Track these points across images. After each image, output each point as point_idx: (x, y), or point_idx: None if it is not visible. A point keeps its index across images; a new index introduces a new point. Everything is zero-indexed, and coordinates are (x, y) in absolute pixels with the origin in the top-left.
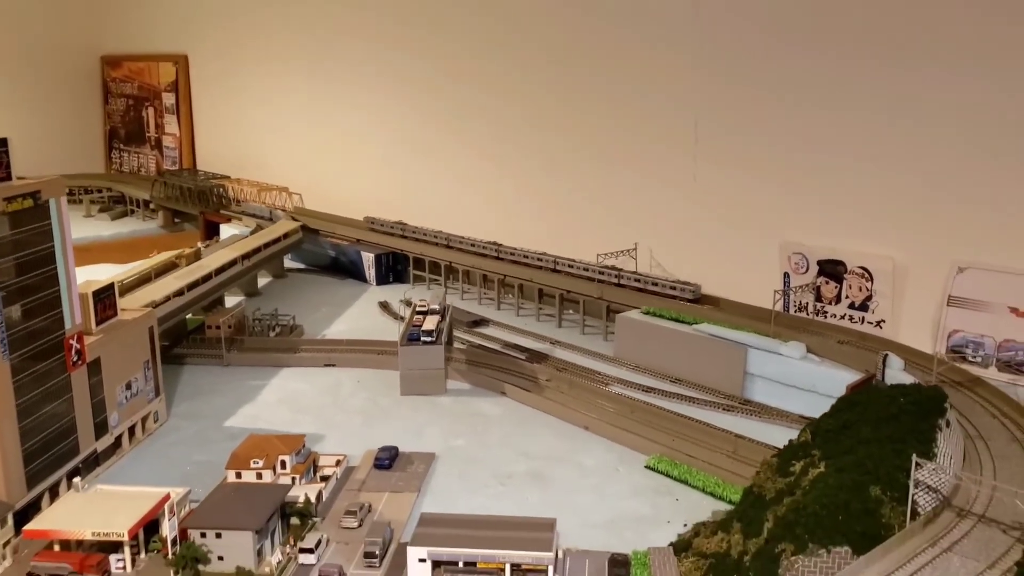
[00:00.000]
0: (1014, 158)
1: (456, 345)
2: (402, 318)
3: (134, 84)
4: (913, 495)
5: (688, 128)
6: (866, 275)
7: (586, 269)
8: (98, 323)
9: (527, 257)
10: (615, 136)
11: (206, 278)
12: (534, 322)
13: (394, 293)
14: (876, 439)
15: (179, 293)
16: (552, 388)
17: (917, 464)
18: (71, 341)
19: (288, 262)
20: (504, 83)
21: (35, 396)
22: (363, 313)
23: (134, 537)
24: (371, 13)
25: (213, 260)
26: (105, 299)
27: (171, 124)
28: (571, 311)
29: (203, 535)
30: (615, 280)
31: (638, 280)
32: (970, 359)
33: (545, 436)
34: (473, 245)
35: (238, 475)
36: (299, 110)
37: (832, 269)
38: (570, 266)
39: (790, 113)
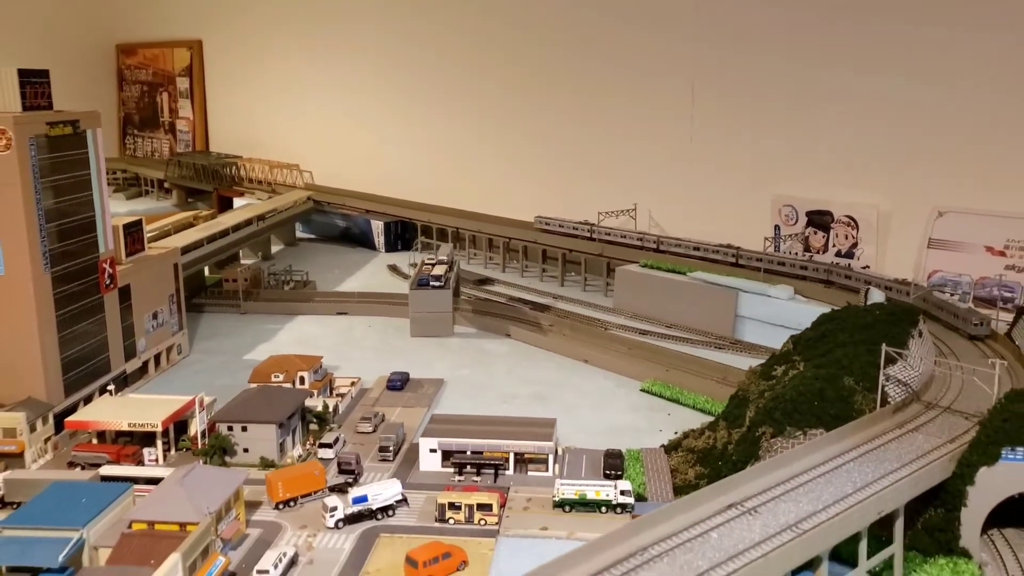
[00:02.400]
0: (989, 109)
1: (463, 298)
2: (409, 277)
3: (148, 71)
4: (883, 385)
5: (686, 92)
6: (852, 223)
7: (623, 236)
8: (128, 254)
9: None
10: (615, 102)
11: (223, 233)
12: (537, 281)
13: (403, 258)
14: (852, 343)
15: (198, 245)
16: (554, 331)
17: (887, 358)
18: (104, 265)
19: (300, 234)
20: (506, 57)
21: (72, 310)
22: (373, 274)
23: (165, 432)
24: None
25: (229, 218)
26: (134, 233)
27: (185, 108)
28: (573, 273)
29: (230, 428)
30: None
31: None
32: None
33: (547, 368)
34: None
35: None
36: (309, 91)
37: (820, 220)
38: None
39: (782, 74)
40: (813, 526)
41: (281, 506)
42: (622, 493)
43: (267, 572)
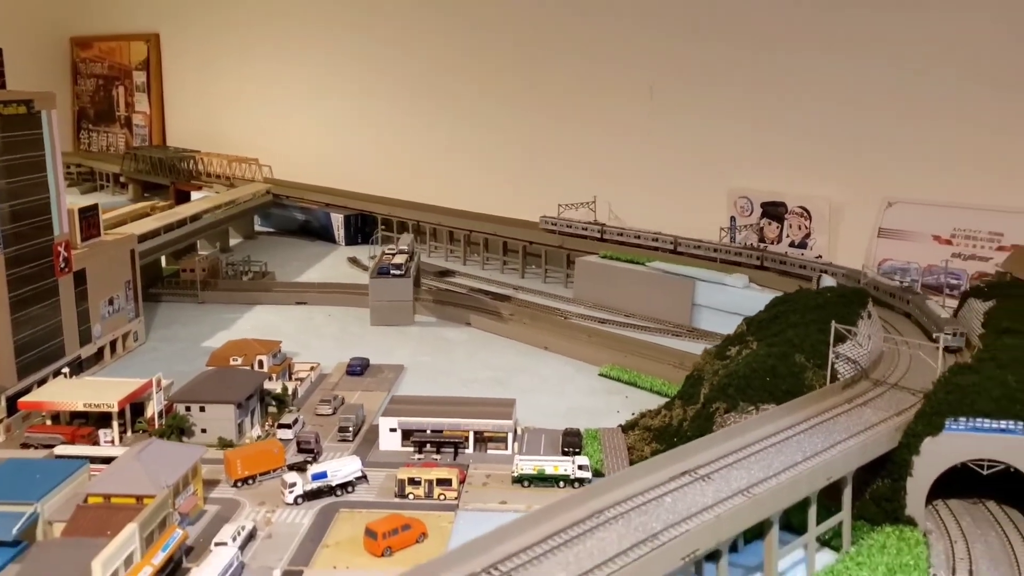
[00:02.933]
0: (937, 102)
1: (424, 288)
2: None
3: (104, 64)
4: (833, 362)
5: (644, 86)
6: (805, 214)
7: (637, 236)
8: (83, 239)
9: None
10: (573, 96)
11: (181, 223)
12: (498, 274)
13: (363, 251)
14: (803, 323)
15: (155, 234)
16: (515, 320)
17: (837, 335)
18: (59, 248)
19: (258, 227)
20: (464, 50)
21: (25, 293)
22: (333, 266)
23: (122, 413)
24: None
25: (186, 209)
26: (90, 218)
27: (141, 103)
28: (533, 266)
29: (187, 409)
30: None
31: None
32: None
33: (507, 354)
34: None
35: None
36: (269, 85)
37: (774, 211)
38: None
39: (739, 69)
40: (764, 490)
41: (239, 484)
42: (580, 468)
43: (225, 544)
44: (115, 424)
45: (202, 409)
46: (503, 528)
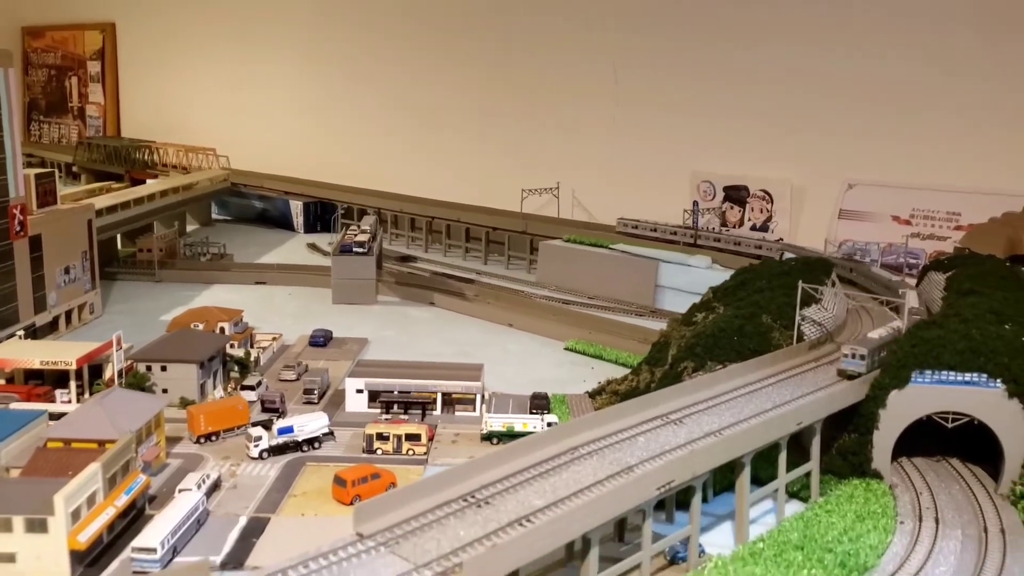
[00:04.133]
0: (895, 85)
1: (386, 269)
2: (330, 254)
3: (57, 54)
4: (799, 323)
5: (608, 73)
6: (767, 197)
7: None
8: (40, 206)
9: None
10: (537, 83)
11: (138, 201)
12: (461, 260)
13: (323, 239)
14: (769, 288)
15: (112, 210)
16: (479, 300)
17: (804, 296)
18: (15, 210)
19: (216, 216)
20: (427, 39)
21: None
22: (292, 251)
23: (80, 373)
24: None
25: (142, 189)
26: (46, 184)
27: (95, 93)
28: (496, 254)
29: (148, 368)
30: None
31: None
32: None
33: (472, 331)
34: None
35: None
36: (226, 75)
37: (736, 194)
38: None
39: (701, 55)
40: (737, 431)
41: (203, 440)
42: (549, 425)
43: (189, 490)
44: (73, 384)
45: (163, 368)
46: (479, 460)
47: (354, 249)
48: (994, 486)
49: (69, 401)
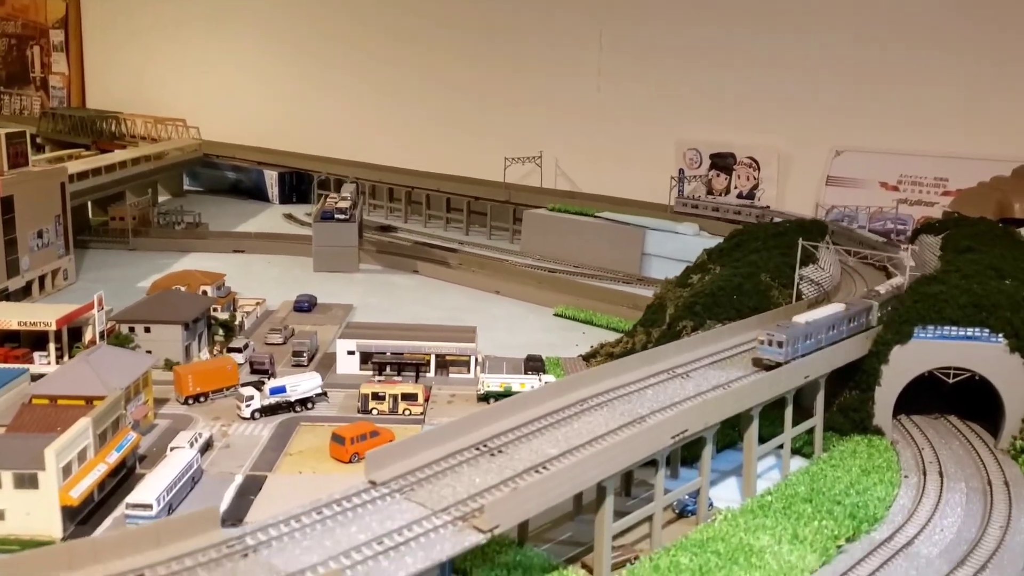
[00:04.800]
0: (882, 52)
1: (367, 238)
2: (309, 224)
3: (17, 23)
4: (798, 282)
5: (593, 41)
6: (754, 165)
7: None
8: (11, 167)
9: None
10: (520, 51)
11: (110, 168)
12: (442, 231)
13: (299, 209)
14: (765, 248)
15: (83, 176)
16: (463, 268)
17: (804, 252)
18: None
19: (188, 187)
20: (408, 3)
21: None
22: (268, 221)
23: (59, 335)
24: None
25: (112, 156)
26: (17, 145)
27: (59, 63)
28: (477, 225)
29: (131, 329)
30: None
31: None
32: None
33: (458, 298)
34: None
35: None
36: (195, 43)
37: (723, 162)
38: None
39: (686, 20)
40: (745, 384)
41: (190, 401)
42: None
43: (182, 448)
44: (52, 347)
45: (147, 330)
46: (489, 410)
47: (336, 216)
48: (993, 442)
49: (48, 364)
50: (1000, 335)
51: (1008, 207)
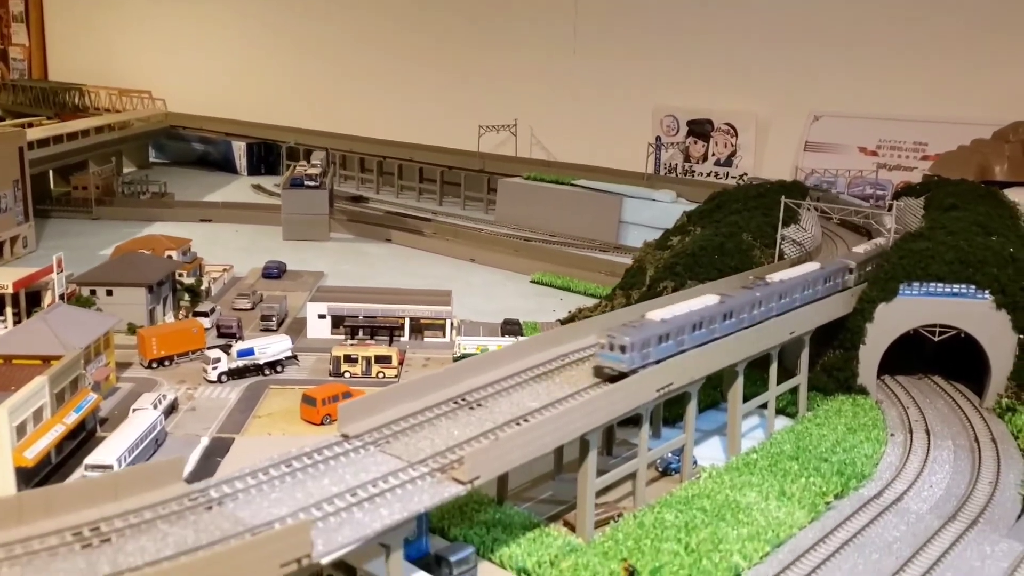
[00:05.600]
0: (861, 14)
1: (338, 207)
2: (277, 194)
3: None
4: (780, 241)
5: (567, 5)
6: (731, 131)
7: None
8: None
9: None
10: (493, 16)
11: (71, 137)
12: (415, 201)
13: (268, 180)
14: (746, 208)
15: (44, 143)
16: (437, 237)
17: (787, 210)
18: None
19: (154, 159)
20: None
21: None
22: (236, 192)
23: (16, 299)
24: None
25: (74, 124)
26: None
27: (19, 34)
28: (451, 196)
29: (93, 292)
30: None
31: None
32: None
33: (433, 266)
34: None
35: None
36: (162, 13)
37: (700, 129)
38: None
39: None
40: (731, 339)
41: (154, 364)
42: None
43: (144, 409)
44: (9, 311)
45: (109, 293)
46: (466, 363)
47: (305, 183)
48: (979, 401)
49: (5, 328)
50: (987, 291)
51: (989, 170)
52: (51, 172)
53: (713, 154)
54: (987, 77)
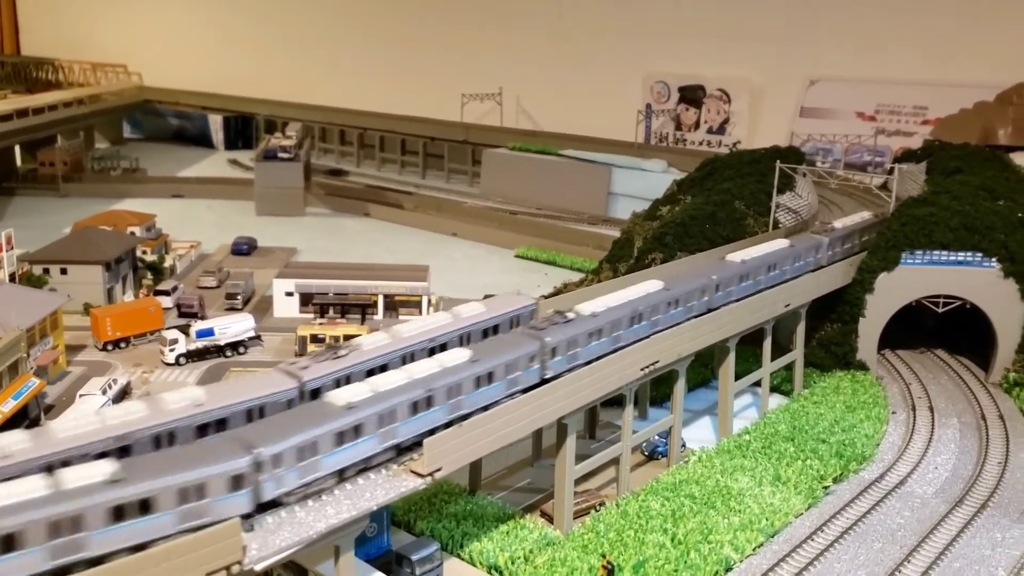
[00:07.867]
0: None
1: (314, 181)
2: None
3: None
4: (774, 210)
5: None
6: (724, 97)
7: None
8: None
9: None
10: None
11: (37, 111)
12: (396, 175)
13: (245, 155)
14: (739, 175)
15: (7, 117)
16: (419, 211)
17: (781, 175)
18: None
19: (128, 135)
20: None
21: None
22: (212, 167)
23: None
24: None
25: (42, 97)
26: None
27: None
28: (434, 169)
29: (46, 271)
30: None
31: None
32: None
33: (413, 241)
34: None
35: None
36: None
37: (692, 95)
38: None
39: None
40: (724, 312)
41: (109, 346)
42: None
43: (92, 395)
44: None
45: (63, 271)
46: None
47: (279, 155)
48: (984, 375)
49: None
50: (993, 259)
51: (993, 133)
52: (17, 148)
53: (705, 122)
54: (989, 37)
